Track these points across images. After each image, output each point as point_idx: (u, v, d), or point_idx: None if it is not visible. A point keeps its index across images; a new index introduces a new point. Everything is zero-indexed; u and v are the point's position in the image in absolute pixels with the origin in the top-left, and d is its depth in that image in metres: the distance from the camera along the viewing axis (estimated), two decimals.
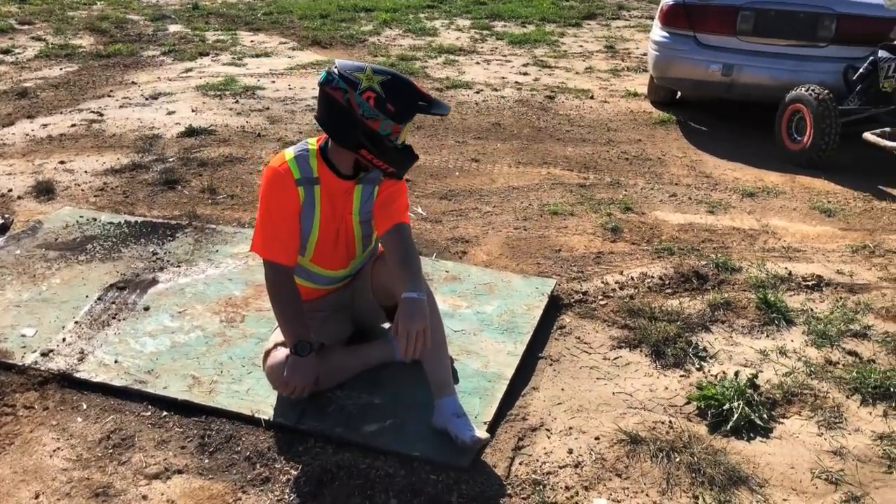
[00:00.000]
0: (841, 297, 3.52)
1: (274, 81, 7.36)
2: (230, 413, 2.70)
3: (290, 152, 2.74)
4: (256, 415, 2.68)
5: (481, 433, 2.52)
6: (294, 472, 2.46)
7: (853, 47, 5.57)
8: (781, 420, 2.75)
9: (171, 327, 3.18)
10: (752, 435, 2.67)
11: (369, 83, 2.56)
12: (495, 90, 7.25)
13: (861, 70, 5.26)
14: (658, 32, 6.08)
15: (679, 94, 6.81)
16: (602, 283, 3.63)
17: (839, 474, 2.48)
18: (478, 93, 7.15)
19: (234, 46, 9.13)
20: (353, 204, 2.77)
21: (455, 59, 8.62)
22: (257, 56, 8.57)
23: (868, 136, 4.94)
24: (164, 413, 2.73)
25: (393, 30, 10.47)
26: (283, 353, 2.70)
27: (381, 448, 2.55)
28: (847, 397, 2.86)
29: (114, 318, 3.25)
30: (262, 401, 2.75)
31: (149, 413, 2.73)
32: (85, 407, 2.77)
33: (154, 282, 3.53)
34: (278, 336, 2.77)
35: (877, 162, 5.26)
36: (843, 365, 3.05)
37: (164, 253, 3.79)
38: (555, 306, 3.42)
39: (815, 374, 2.98)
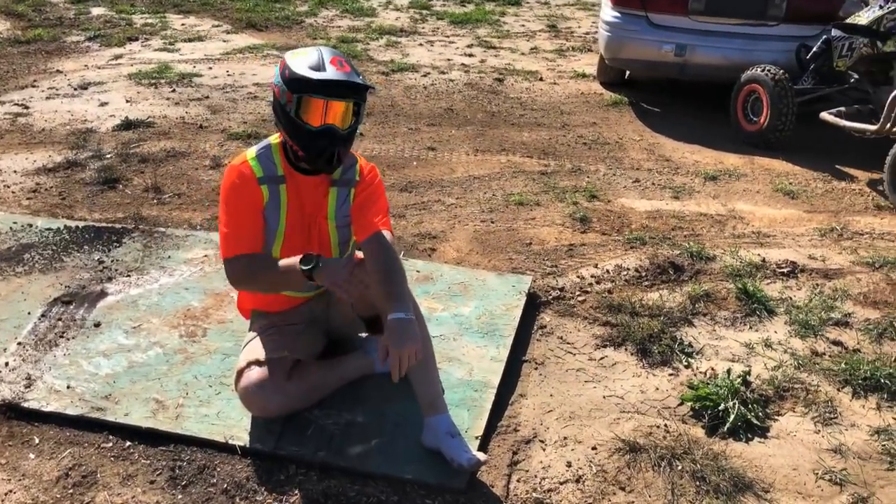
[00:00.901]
0: (817, 284, 3.49)
1: (211, 68, 7.02)
2: (201, 440, 2.49)
3: (251, 151, 2.54)
4: (230, 441, 2.48)
5: (478, 454, 2.37)
6: None
7: (803, 26, 5.57)
8: (776, 417, 2.69)
9: (126, 345, 2.93)
10: (749, 436, 2.60)
11: (291, 54, 2.40)
12: (443, 73, 7.05)
13: (815, 49, 5.25)
14: (609, 12, 5.97)
15: (627, 74, 6.73)
16: (578, 277, 3.51)
17: (842, 474, 2.42)
18: (425, 76, 6.95)
19: (165, 30, 8.69)
20: (327, 207, 2.57)
21: (397, 41, 8.39)
22: (190, 40, 8.17)
23: (825, 115, 4.94)
24: (128, 443, 2.50)
25: (329, 10, 10.15)
26: (256, 372, 2.50)
27: (370, 472, 2.38)
28: (838, 390, 2.81)
29: (61, 336, 2.98)
30: (234, 425, 2.54)
31: (110, 444, 2.50)
32: (37, 441, 2.52)
33: (103, 294, 3.26)
34: (249, 354, 2.56)
35: (832, 141, 5.27)
36: (830, 356, 3.00)
37: (111, 261, 3.51)
38: (533, 305, 3.29)
39: (803, 367, 2.92)
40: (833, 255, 3.75)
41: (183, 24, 9.12)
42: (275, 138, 2.57)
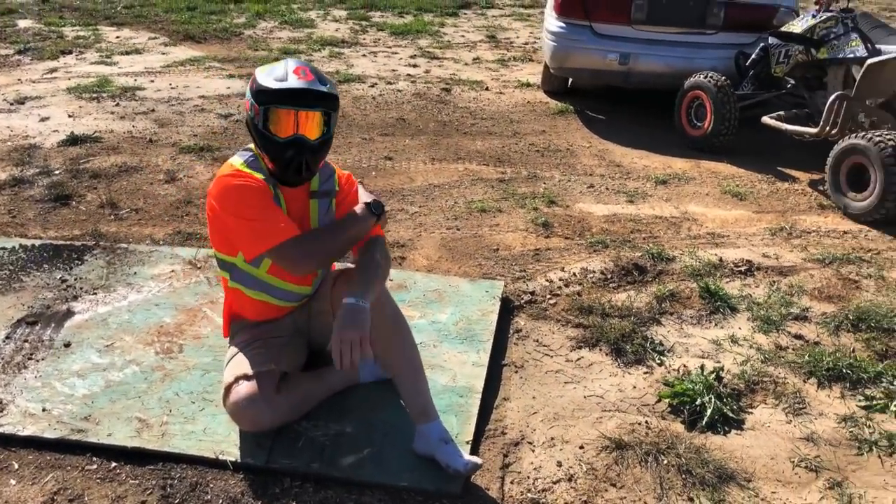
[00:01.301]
0: (774, 281, 3.63)
1: (153, 81, 6.89)
2: (191, 457, 2.45)
3: (237, 160, 2.51)
4: (221, 456, 2.44)
5: (474, 458, 2.40)
6: None
7: (740, 34, 5.79)
8: (750, 410, 2.79)
9: (100, 364, 2.86)
10: (727, 428, 2.69)
11: (260, 68, 2.42)
12: (389, 83, 7.08)
13: (753, 56, 5.47)
14: (554, 23, 6.10)
15: (570, 82, 6.87)
16: (547, 281, 3.58)
17: (817, 461, 2.54)
18: (372, 86, 6.97)
19: (99, 43, 8.49)
20: (309, 219, 2.57)
21: (340, 52, 8.38)
22: (128, 53, 8.00)
23: (767, 119, 5.15)
24: (113, 464, 2.45)
25: (268, 22, 10.07)
26: (245, 387, 2.47)
27: (366, 481, 2.38)
28: (804, 382, 2.94)
29: (30, 358, 2.89)
30: (223, 440, 2.51)
31: (95, 466, 2.44)
32: (16, 466, 2.44)
33: (69, 313, 3.17)
34: (236, 368, 2.54)
35: (772, 144, 5.49)
36: (793, 349, 3.13)
37: (75, 279, 3.42)
38: (506, 309, 3.35)
39: (769, 361, 3.05)
40: (785, 253, 3.91)
41: (118, 37, 8.92)
42: (254, 148, 2.56)
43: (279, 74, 2.35)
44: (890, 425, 2.70)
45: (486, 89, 6.99)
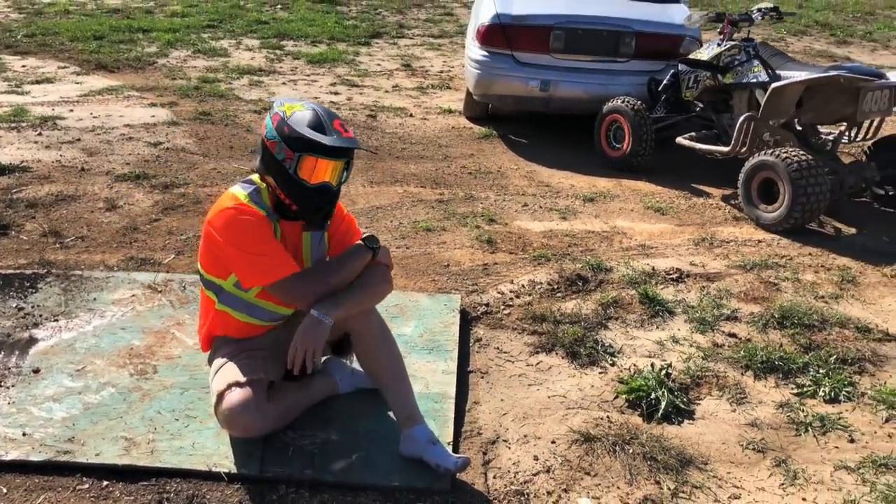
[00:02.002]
0: (703, 286, 3.95)
1: (72, 110, 6.76)
2: (184, 471, 2.51)
3: (240, 191, 2.61)
4: (214, 469, 2.51)
5: (461, 456, 2.55)
6: None
7: (651, 61, 6.20)
8: (698, 402, 3.06)
9: (75, 388, 2.87)
10: (680, 419, 2.94)
11: (283, 108, 2.54)
12: None
13: (665, 82, 5.87)
14: (477, 52, 6.36)
15: (490, 108, 7.15)
16: (498, 293, 3.78)
17: (762, 443, 2.81)
18: None
19: (5, 72, 8.24)
20: (303, 254, 2.70)
21: (260, 80, 8.42)
22: (38, 82, 7.81)
23: (681, 140, 5.54)
24: (105, 483, 2.48)
25: (180, 51, 9.98)
26: (238, 393, 2.55)
27: (359, 484, 2.50)
28: (742, 374, 3.23)
29: None
30: (213, 453, 2.58)
31: (87, 486, 2.47)
32: (5, 491, 2.44)
33: (32, 340, 3.15)
34: (227, 377, 2.60)
35: (685, 162, 5.90)
36: (729, 346, 3.43)
37: (31, 307, 3.39)
38: (465, 320, 3.52)
39: (709, 358, 3.33)
40: (710, 261, 4.25)
41: (24, 66, 8.67)
42: (259, 180, 2.65)
43: (315, 122, 2.47)
44: (820, 408, 3.01)
45: (411, 115, 7.19)
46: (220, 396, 2.56)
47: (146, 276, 3.68)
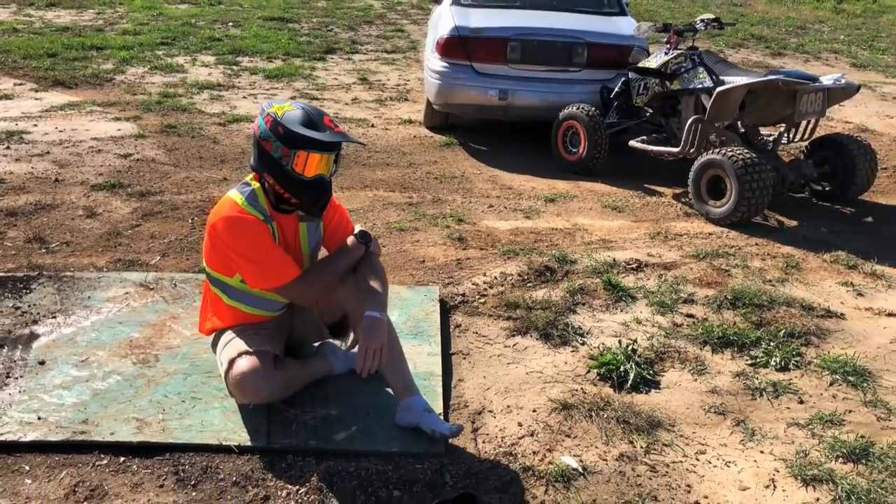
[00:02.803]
0: (661, 274, 4.25)
1: (36, 125, 6.82)
2: (196, 446, 2.69)
3: (237, 196, 2.80)
4: (225, 442, 2.70)
5: (455, 424, 2.78)
6: (291, 486, 2.54)
7: (602, 71, 6.55)
8: (662, 374, 3.34)
9: (82, 377, 3.02)
10: (647, 389, 3.22)
11: (273, 109, 2.75)
12: None
13: (616, 89, 6.22)
14: (437, 63, 6.63)
15: (450, 118, 7.42)
16: (473, 284, 4.03)
17: (722, 407, 3.10)
18: None
19: None
20: (301, 243, 2.90)
21: (220, 95, 8.56)
22: None
23: (634, 143, 5.88)
24: (122, 458, 2.65)
25: (136, 67, 10.05)
26: (247, 360, 2.73)
27: (361, 451, 2.71)
28: (701, 349, 3.53)
29: (7, 377, 3.01)
30: (221, 429, 2.76)
31: (105, 461, 2.63)
32: (27, 468, 2.59)
33: (34, 336, 3.29)
34: (236, 347, 2.79)
35: (637, 165, 6.24)
36: (687, 325, 3.72)
37: (28, 306, 3.52)
38: (444, 309, 3.76)
39: (670, 335, 3.62)
40: (666, 252, 4.56)
41: None
42: (252, 181, 2.85)
43: (306, 120, 2.68)
44: (772, 376, 3.32)
45: (372, 126, 7.41)
46: (231, 363, 2.74)
47: (137, 276, 3.83)
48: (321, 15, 15.67)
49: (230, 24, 13.95)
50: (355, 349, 2.98)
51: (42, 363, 3.10)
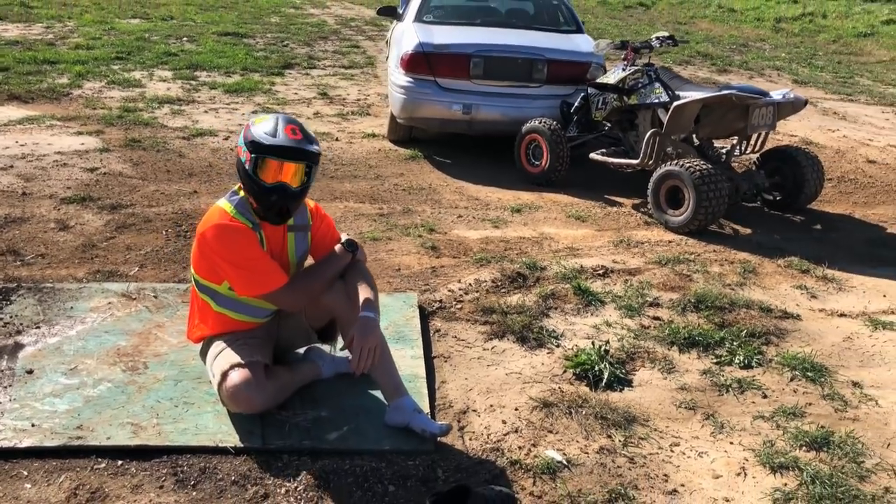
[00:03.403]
0: (627, 280, 4.43)
1: None
2: (192, 448, 2.76)
3: (227, 205, 2.89)
4: (221, 444, 2.77)
5: (443, 423, 2.90)
6: (289, 484, 2.63)
7: (561, 86, 6.76)
8: (634, 373, 3.50)
9: (72, 384, 3.06)
10: (621, 387, 3.38)
11: (253, 119, 2.87)
12: None
13: (576, 104, 6.43)
14: (402, 78, 6.77)
15: (412, 132, 7.55)
16: (449, 291, 4.15)
17: (692, 402, 3.27)
18: (227, 139, 7.27)
19: None
20: (288, 253, 3.00)
21: (181, 109, 8.57)
22: None
23: (594, 155, 6.09)
24: (120, 462, 2.70)
25: (92, 82, 9.97)
26: (239, 373, 2.82)
27: (354, 449, 2.81)
28: (668, 349, 3.71)
29: None
30: (216, 432, 2.83)
31: (103, 465, 2.68)
32: (26, 473, 2.63)
33: (19, 346, 3.31)
34: (228, 359, 2.87)
35: (596, 176, 6.46)
36: (654, 327, 3.90)
37: (10, 317, 3.53)
38: (423, 315, 3.87)
39: (639, 337, 3.79)
40: (629, 259, 4.75)
41: None
42: (240, 190, 2.95)
43: (270, 129, 2.79)
44: (737, 373, 3.51)
45: (337, 140, 7.51)
46: (224, 376, 2.82)
47: (118, 286, 3.87)
48: (275, 30, 15.73)
49: (184, 39, 13.91)
50: (345, 353, 3.10)
51: (30, 372, 3.12)
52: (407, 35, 6.98)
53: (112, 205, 5.18)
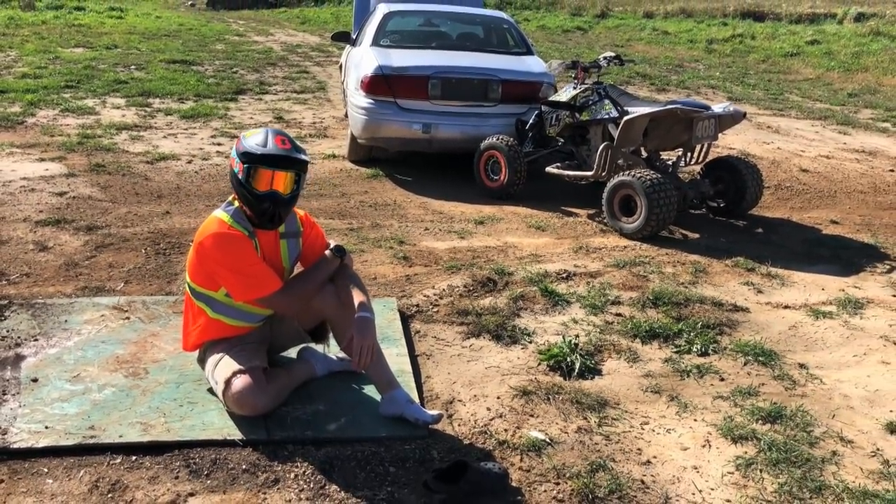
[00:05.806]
0: (589, 282, 4.74)
1: None
2: (202, 442, 2.93)
3: (223, 215, 3.09)
4: (229, 437, 2.95)
5: (435, 412, 3.14)
6: (297, 470, 2.83)
7: (515, 105, 7.10)
8: (603, 363, 3.79)
9: (77, 390, 3.21)
10: (592, 376, 3.66)
11: (245, 133, 3.09)
12: (205, 159, 7.57)
13: (531, 121, 6.77)
14: (363, 100, 7.02)
15: (372, 151, 7.79)
16: (424, 296, 4.40)
17: (657, 387, 3.57)
18: (189, 163, 7.41)
19: None
20: (282, 258, 3.21)
21: (139, 135, 8.66)
22: None
23: (550, 169, 6.42)
24: (134, 457, 2.86)
25: (46, 110, 9.99)
26: (241, 380, 3.01)
27: (354, 437, 3.02)
28: (632, 342, 4.01)
29: (4, 394, 3.16)
30: (223, 427, 3.02)
31: (119, 460, 2.84)
32: (46, 470, 2.78)
33: (21, 357, 3.44)
34: (228, 367, 3.06)
35: (552, 189, 6.79)
36: (618, 323, 4.21)
37: (7, 331, 3.65)
38: (403, 318, 4.11)
39: (605, 332, 4.09)
40: (590, 263, 5.07)
41: None
42: (234, 201, 3.15)
43: (261, 141, 3.02)
44: (696, 360, 3.82)
45: None
46: (228, 384, 3.01)
47: (108, 300, 4.02)
48: (223, 57, 15.87)
49: (132, 66, 13.96)
50: (341, 353, 3.32)
51: (35, 380, 3.26)
52: (366, 59, 7.25)
53: (87, 226, 5.30)
